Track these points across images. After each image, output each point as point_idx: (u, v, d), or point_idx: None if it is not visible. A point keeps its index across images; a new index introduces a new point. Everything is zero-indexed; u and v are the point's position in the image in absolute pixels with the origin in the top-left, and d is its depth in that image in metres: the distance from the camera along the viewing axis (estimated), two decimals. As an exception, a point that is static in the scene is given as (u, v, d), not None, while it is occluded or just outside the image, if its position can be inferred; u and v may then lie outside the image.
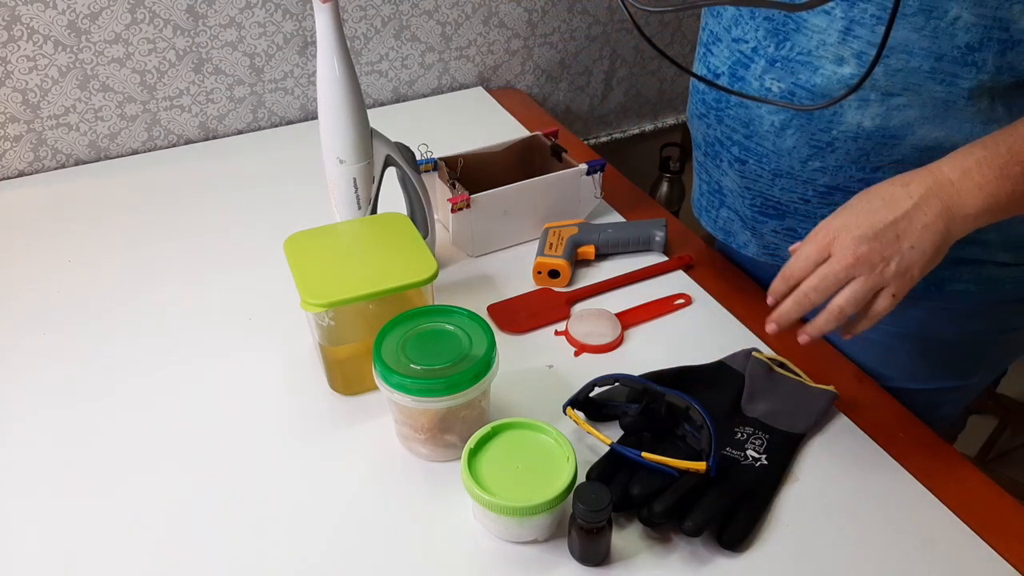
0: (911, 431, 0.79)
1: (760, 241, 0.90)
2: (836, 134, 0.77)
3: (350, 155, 0.84)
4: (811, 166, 0.80)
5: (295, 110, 1.31)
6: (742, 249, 0.93)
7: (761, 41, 0.79)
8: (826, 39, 0.74)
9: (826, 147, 0.79)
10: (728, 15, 0.83)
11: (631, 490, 0.68)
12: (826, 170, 0.80)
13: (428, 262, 0.78)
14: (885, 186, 0.68)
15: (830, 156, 0.79)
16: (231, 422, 0.79)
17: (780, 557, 0.68)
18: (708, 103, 0.87)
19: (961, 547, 0.68)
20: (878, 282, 0.67)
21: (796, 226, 0.86)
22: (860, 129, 0.76)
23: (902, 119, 0.75)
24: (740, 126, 0.84)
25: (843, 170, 0.79)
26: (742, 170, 0.86)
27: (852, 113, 0.76)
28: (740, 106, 0.83)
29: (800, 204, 0.84)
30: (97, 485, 0.73)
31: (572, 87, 1.53)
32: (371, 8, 1.28)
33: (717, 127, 0.87)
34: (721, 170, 0.90)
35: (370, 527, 0.70)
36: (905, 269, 0.66)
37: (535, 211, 1.01)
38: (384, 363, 0.71)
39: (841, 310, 0.68)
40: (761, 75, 0.79)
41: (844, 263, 0.67)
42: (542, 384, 0.83)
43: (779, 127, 0.80)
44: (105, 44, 1.13)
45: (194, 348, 0.88)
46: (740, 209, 0.90)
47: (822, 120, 0.78)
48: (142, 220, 1.07)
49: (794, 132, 0.79)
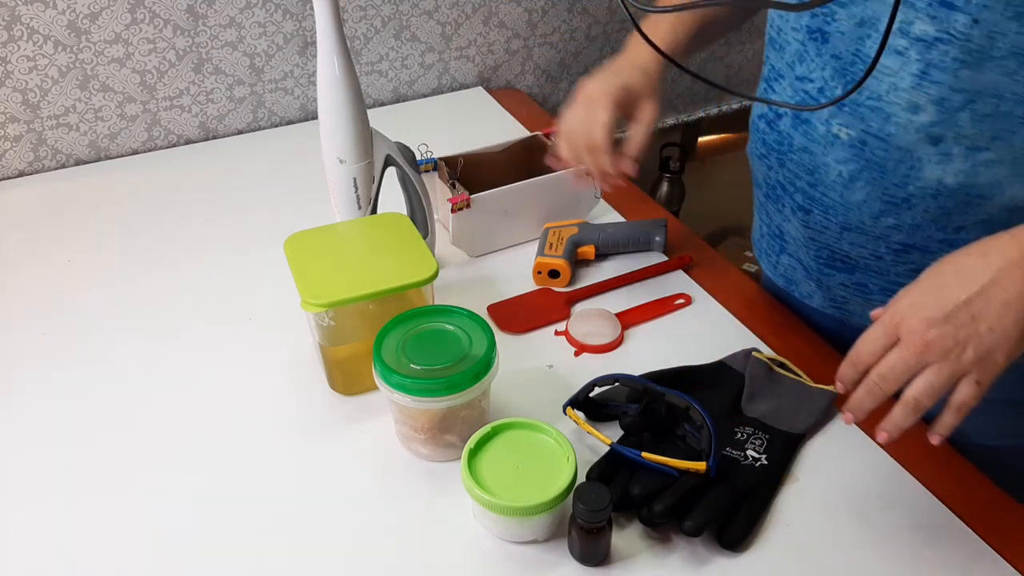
0: (911, 431, 0.79)
1: (827, 294, 0.84)
2: (913, 190, 0.71)
3: (350, 155, 0.84)
4: (884, 222, 0.73)
5: (295, 110, 1.31)
6: (806, 299, 0.88)
7: (828, 81, 0.73)
8: (898, 83, 0.68)
9: (901, 203, 0.72)
10: (791, 50, 0.76)
11: (631, 490, 0.68)
12: (901, 228, 0.73)
13: (428, 262, 0.78)
14: (961, 256, 0.60)
15: (906, 213, 0.72)
16: (231, 422, 0.79)
17: (780, 557, 0.68)
18: (769, 144, 0.81)
19: (961, 547, 0.68)
20: (955, 369, 0.58)
21: (867, 281, 0.79)
22: (941, 186, 0.69)
23: (990, 176, 0.68)
24: (804, 172, 0.77)
25: (921, 229, 0.72)
26: (806, 220, 0.79)
27: (931, 168, 0.69)
28: (804, 151, 0.76)
29: (872, 260, 0.77)
30: (97, 485, 0.73)
31: (572, 87, 1.52)
32: (371, 8, 1.28)
33: (779, 170, 0.80)
34: (783, 215, 0.83)
35: (370, 527, 0.70)
36: (986, 354, 0.58)
37: (535, 211, 1.01)
38: (384, 363, 0.71)
39: (917, 402, 0.60)
40: (828, 119, 0.73)
41: (913, 349, 0.59)
42: (542, 384, 0.83)
43: (847, 178, 0.73)
44: (105, 44, 1.13)
45: (194, 348, 0.88)
46: (804, 259, 0.84)
47: (897, 174, 0.71)
48: (142, 220, 1.07)
49: (864, 185, 0.73)
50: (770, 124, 0.81)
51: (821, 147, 0.75)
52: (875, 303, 0.80)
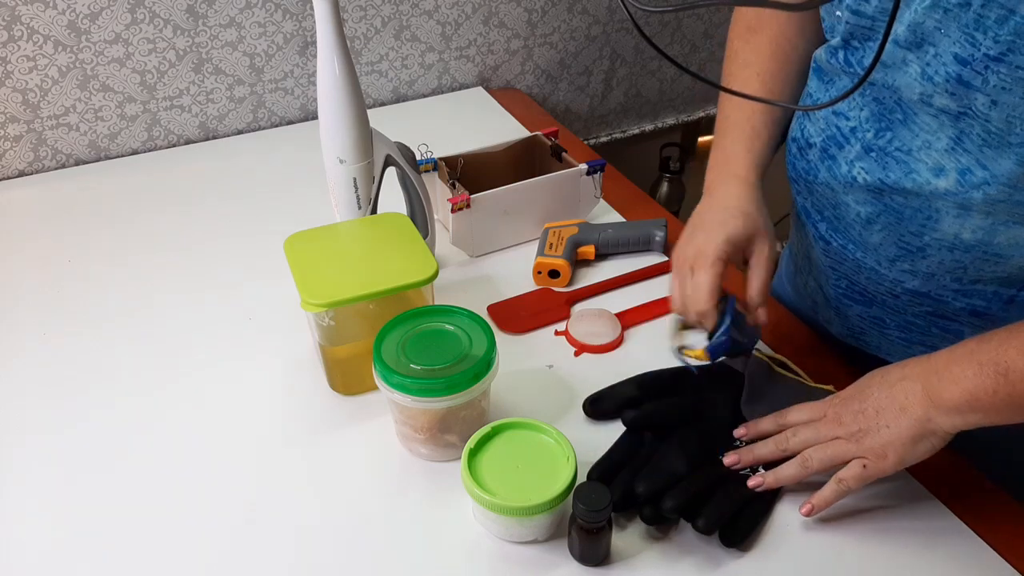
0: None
1: (845, 323, 0.85)
2: (928, 240, 0.70)
3: (350, 155, 0.84)
4: (899, 267, 0.74)
5: (295, 110, 1.31)
6: (826, 325, 0.88)
7: (862, 123, 0.72)
8: (933, 141, 0.67)
9: (916, 252, 0.72)
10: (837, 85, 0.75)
11: (636, 488, 0.68)
12: (916, 274, 0.73)
13: (428, 262, 0.78)
14: (888, 367, 0.67)
15: (921, 262, 0.72)
16: (231, 422, 0.79)
17: (780, 557, 0.68)
18: (798, 170, 0.81)
19: (961, 547, 0.68)
20: (851, 449, 0.65)
21: (885, 316, 0.80)
22: (957, 240, 0.69)
23: (1010, 237, 0.67)
24: (828, 205, 0.78)
25: (936, 279, 0.73)
26: (827, 249, 0.80)
27: (949, 221, 0.68)
28: (827, 186, 0.76)
29: (889, 298, 0.78)
30: (96, 485, 0.73)
31: (572, 87, 1.53)
32: (371, 8, 1.28)
33: (808, 197, 0.81)
34: (808, 241, 0.84)
35: (370, 527, 0.70)
36: (880, 447, 0.64)
37: (535, 211, 1.01)
38: (384, 363, 0.71)
39: (805, 459, 0.67)
40: (852, 160, 0.73)
41: (827, 423, 0.67)
42: (542, 384, 0.83)
43: (865, 219, 0.74)
44: (105, 44, 1.13)
45: (194, 348, 0.88)
46: (825, 286, 0.84)
47: (914, 223, 0.71)
48: (142, 220, 1.07)
49: (881, 229, 0.73)
50: (801, 151, 0.80)
51: (842, 185, 0.75)
52: (892, 338, 0.82)
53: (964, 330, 0.76)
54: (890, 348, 0.83)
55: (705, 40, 1.61)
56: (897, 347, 0.82)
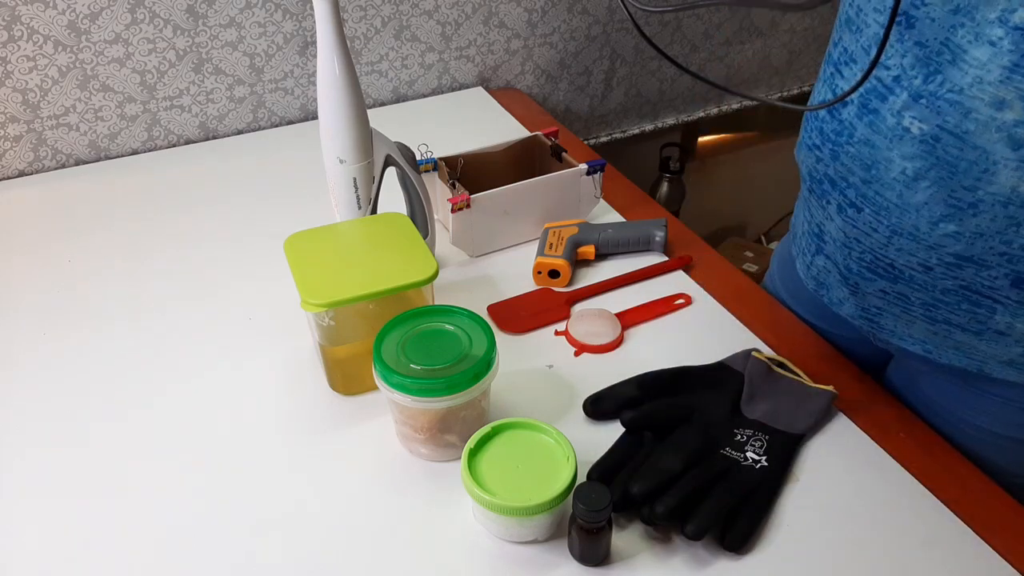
0: (911, 431, 0.79)
1: (860, 301, 0.79)
2: (983, 195, 0.65)
3: (350, 155, 0.84)
4: (942, 229, 0.68)
5: (295, 110, 1.31)
6: (835, 307, 0.83)
7: (907, 70, 0.66)
8: (985, 75, 0.62)
9: (967, 208, 0.66)
10: (871, 32, 0.69)
11: (631, 489, 0.67)
12: (961, 237, 0.68)
13: (428, 262, 0.78)
14: None
15: (970, 220, 0.67)
16: (231, 422, 0.79)
17: (780, 558, 0.68)
18: (826, 133, 0.75)
19: (961, 547, 0.69)
20: None
21: (909, 293, 0.74)
22: (1014, 194, 0.64)
23: None
24: (860, 168, 0.71)
25: (983, 239, 0.67)
26: (854, 219, 0.74)
27: (1007, 174, 0.63)
28: (865, 143, 0.70)
29: (919, 271, 0.72)
30: (96, 485, 0.73)
31: (572, 87, 1.53)
32: (371, 8, 1.28)
33: (831, 163, 0.75)
34: (826, 213, 0.78)
35: (370, 527, 0.70)
36: None
37: (535, 211, 1.01)
38: (384, 363, 0.71)
39: None
40: (900, 111, 0.67)
41: None
42: (542, 384, 0.83)
43: (912, 176, 0.68)
44: (105, 44, 1.13)
45: (194, 348, 0.88)
46: (841, 262, 0.79)
47: (968, 176, 0.65)
48: (142, 220, 1.07)
49: (930, 185, 0.67)
50: (830, 111, 0.75)
51: (887, 140, 0.69)
52: (914, 316, 0.77)
53: (997, 307, 0.71)
54: (906, 330, 0.78)
55: (705, 40, 1.61)
56: (917, 327, 0.77)
